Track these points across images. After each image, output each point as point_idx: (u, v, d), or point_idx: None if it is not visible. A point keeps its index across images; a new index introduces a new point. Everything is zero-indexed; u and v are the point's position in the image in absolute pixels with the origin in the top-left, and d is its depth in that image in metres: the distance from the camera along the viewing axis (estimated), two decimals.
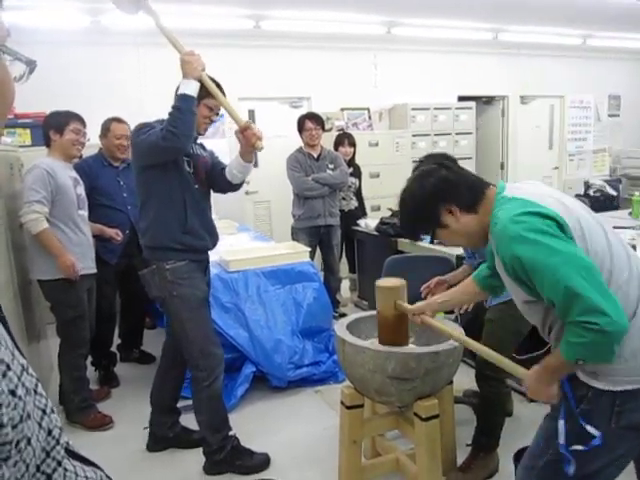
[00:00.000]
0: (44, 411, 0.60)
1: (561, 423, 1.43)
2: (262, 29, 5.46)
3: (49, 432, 0.60)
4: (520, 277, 1.41)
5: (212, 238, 2.65)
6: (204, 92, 2.34)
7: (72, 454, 0.65)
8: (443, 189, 1.60)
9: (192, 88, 2.27)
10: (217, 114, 2.57)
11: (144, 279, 2.55)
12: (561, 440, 1.43)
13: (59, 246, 2.92)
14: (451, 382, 2.40)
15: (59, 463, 0.61)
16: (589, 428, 1.37)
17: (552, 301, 1.35)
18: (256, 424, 3.07)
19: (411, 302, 2.87)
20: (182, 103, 2.27)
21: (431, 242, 1.64)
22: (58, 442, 0.61)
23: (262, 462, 2.66)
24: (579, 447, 1.39)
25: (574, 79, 8.03)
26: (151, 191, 2.46)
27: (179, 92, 2.29)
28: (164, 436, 2.82)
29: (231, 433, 2.66)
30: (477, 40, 6.68)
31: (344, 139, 5.15)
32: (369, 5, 5.12)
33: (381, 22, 5.76)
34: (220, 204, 5.59)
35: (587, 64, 8.03)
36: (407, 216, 1.70)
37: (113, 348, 3.81)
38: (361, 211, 5.24)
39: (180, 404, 2.93)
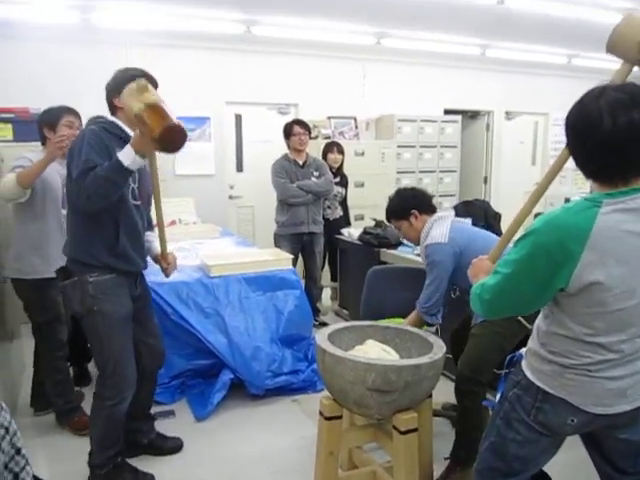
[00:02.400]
0: None
1: (498, 395, 1.69)
2: (253, 34, 5.45)
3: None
4: None
5: (144, 259, 2.52)
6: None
7: None
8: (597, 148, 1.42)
9: (136, 163, 2.13)
10: None
11: (64, 291, 2.37)
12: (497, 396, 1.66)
13: (38, 163, 2.75)
14: (430, 395, 2.39)
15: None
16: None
17: None
18: (232, 432, 3.03)
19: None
20: (118, 176, 2.13)
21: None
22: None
23: None
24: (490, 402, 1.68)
25: (558, 97, 8.12)
26: (77, 205, 2.22)
27: (121, 159, 2.11)
28: (138, 443, 2.77)
29: (119, 450, 2.52)
30: (465, 55, 6.74)
31: (333, 147, 5.16)
32: (360, 15, 5.14)
33: (371, 33, 5.78)
34: (203, 208, 5.57)
35: (572, 83, 8.12)
36: (570, 114, 1.54)
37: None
38: (345, 220, 5.24)
39: (155, 410, 2.87)
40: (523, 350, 1.67)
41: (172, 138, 2.08)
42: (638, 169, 1.37)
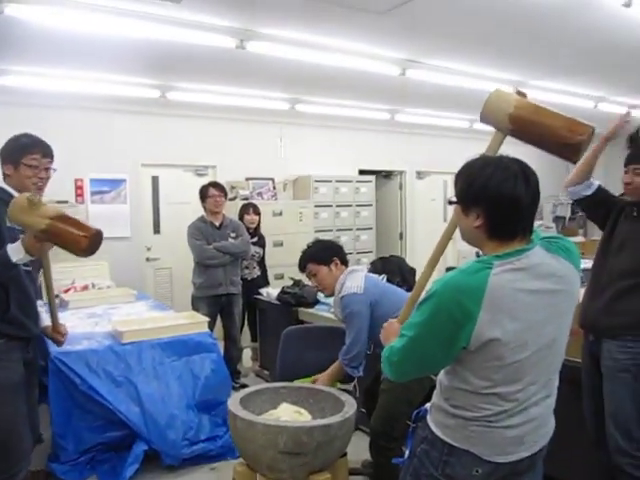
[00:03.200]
0: None
1: (407, 452, 1.71)
2: (168, 99, 5.53)
3: None
4: None
5: (36, 325, 2.44)
6: (23, 152, 2.28)
7: None
8: (494, 202, 1.51)
9: (24, 259, 2.12)
10: (48, 170, 2.37)
11: None
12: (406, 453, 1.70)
13: None
14: (345, 454, 2.41)
15: None
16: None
17: None
18: None
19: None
20: (2, 268, 2.12)
21: (449, 202, 1.65)
22: None
23: None
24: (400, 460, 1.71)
25: (464, 157, 8.70)
26: None
27: (9, 254, 2.09)
28: None
29: None
30: (376, 119, 7.12)
31: (249, 208, 5.23)
32: (274, 82, 5.36)
33: (285, 99, 6.02)
34: (118, 270, 5.44)
35: (475, 144, 8.70)
36: (460, 175, 1.61)
37: None
38: (264, 280, 5.27)
39: None
40: (428, 405, 1.72)
41: (96, 242, 2.13)
42: (525, 231, 1.50)
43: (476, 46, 4.31)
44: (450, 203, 1.63)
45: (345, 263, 2.88)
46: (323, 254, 2.85)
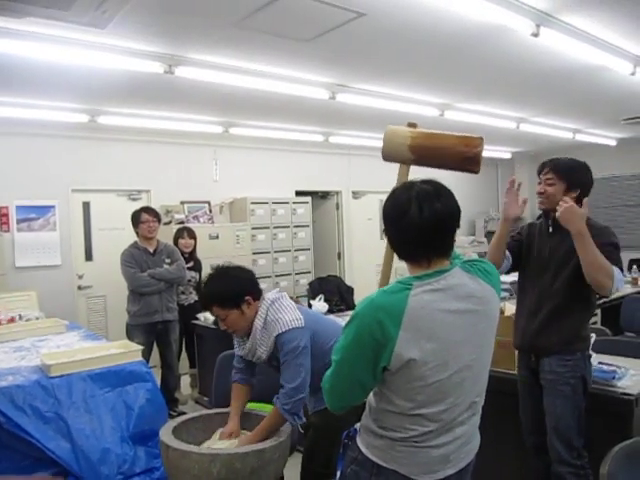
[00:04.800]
0: None
1: (338, 473, 1.72)
2: (98, 123, 5.43)
3: None
4: None
5: None
6: None
7: None
8: (398, 230, 1.59)
9: None
10: None
11: None
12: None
13: None
14: (282, 478, 2.41)
15: None
16: None
17: None
18: None
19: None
20: None
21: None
22: None
23: None
24: None
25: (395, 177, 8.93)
26: None
27: None
28: None
29: None
30: (310, 141, 7.23)
31: (183, 232, 5.18)
32: (205, 107, 5.36)
33: (218, 122, 6.02)
34: (48, 300, 5.24)
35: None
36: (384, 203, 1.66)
37: None
38: (201, 305, 5.20)
39: None
40: (357, 425, 1.75)
41: None
42: (439, 252, 1.55)
43: (399, 71, 4.47)
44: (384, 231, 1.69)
45: (259, 296, 2.43)
46: (231, 295, 2.34)
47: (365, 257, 8.36)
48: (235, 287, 2.34)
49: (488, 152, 9.49)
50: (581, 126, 7.45)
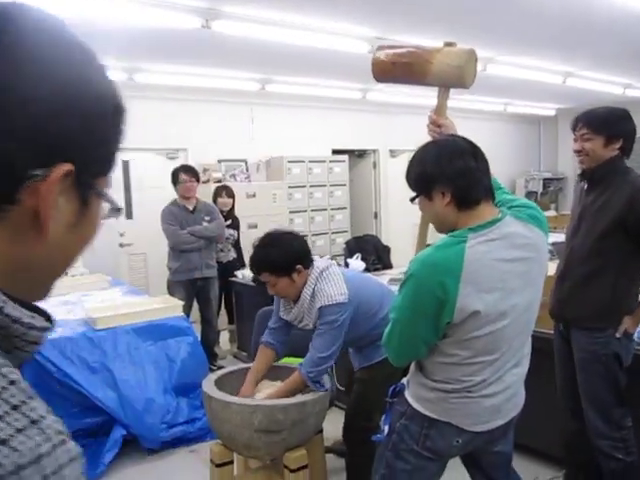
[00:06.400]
0: None
1: (385, 428, 1.71)
2: (136, 81, 5.44)
3: None
4: None
5: None
6: None
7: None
8: (452, 174, 1.53)
9: None
10: None
11: None
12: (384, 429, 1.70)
13: None
14: (321, 431, 2.45)
15: None
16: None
17: None
18: None
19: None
20: None
21: (411, 200, 1.68)
22: None
23: None
24: (379, 437, 1.72)
25: None
26: None
27: None
28: None
29: None
30: (347, 98, 7.10)
31: (222, 191, 5.20)
32: (242, 63, 5.30)
33: (256, 79, 5.96)
34: (91, 257, 5.36)
35: None
36: (411, 167, 1.65)
37: None
38: (240, 262, 5.26)
39: None
40: (404, 380, 1.74)
41: None
42: (489, 193, 1.56)
43: (439, 21, 4.31)
44: (412, 201, 1.66)
45: (310, 265, 2.35)
46: (283, 263, 2.27)
47: (402, 217, 8.25)
48: (287, 255, 2.28)
49: (530, 109, 9.18)
50: (633, 80, 7.09)
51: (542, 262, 1.62)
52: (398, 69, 1.87)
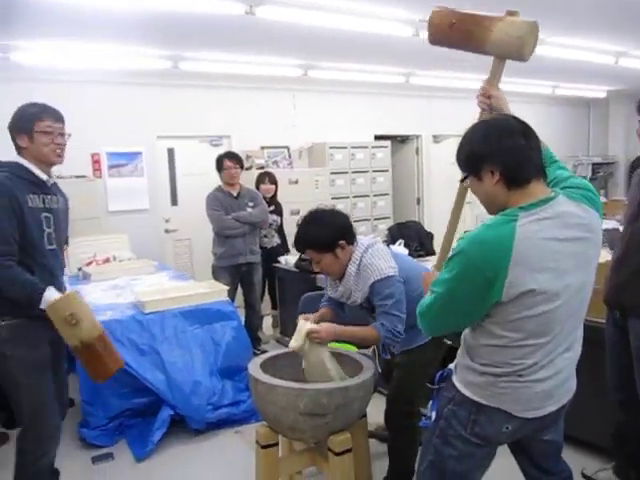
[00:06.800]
0: None
1: (433, 414, 1.69)
2: (180, 69, 5.50)
3: None
4: None
5: None
6: (34, 119, 2.25)
7: None
8: (500, 152, 1.50)
9: (44, 303, 2.20)
10: (62, 135, 2.34)
11: None
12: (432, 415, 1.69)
13: None
14: (364, 415, 2.46)
15: None
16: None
17: None
18: (174, 470, 3.00)
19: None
20: (25, 298, 2.20)
21: (461, 181, 1.68)
22: None
23: None
24: (426, 423, 1.70)
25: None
26: None
27: (45, 295, 2.19)
28: None
29: None
30: (390, 83, 7.01)
31: (265, 177, 5.25)
32: (285, 49, 5.29)
33: (298, 65, 5.95)
34: (138, 243, 5.52)
35: None
36: (460, 147, 1.62)
37: None
38: (283, 248, 5.30)
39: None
40: (451, 365, 1.72)
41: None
42: (536, 169, 1.52)
43: (487, 3, 4.19)
44: (462, 181, 1.63)
45: (353, 241, 2.37)
46: (325, 240, 2.29)
47: (444, 202, 8.14)
48: (330, 232, 2.30)
49: (579, 91, 8.86)
50: None
51: (597, 243, 1.58)
52: (456, 33, 1.83)
